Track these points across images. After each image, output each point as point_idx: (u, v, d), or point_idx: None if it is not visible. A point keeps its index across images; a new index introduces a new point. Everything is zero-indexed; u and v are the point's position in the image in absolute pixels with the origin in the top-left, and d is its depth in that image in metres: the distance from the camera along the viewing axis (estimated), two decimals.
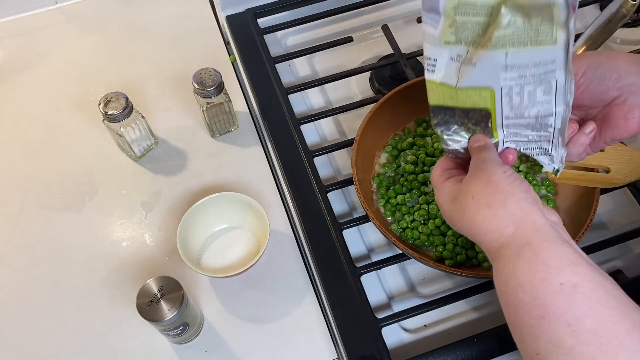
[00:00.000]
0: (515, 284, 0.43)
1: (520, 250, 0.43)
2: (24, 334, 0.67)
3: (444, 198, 0.51)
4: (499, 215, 0.45)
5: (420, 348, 0.65)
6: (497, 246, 0.45)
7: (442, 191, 0.51)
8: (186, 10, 0.94)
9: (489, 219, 0.46)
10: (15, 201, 0.76)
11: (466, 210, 0.47)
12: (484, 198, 0.47)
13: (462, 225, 0.49)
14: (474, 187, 0.48)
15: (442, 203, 0.51)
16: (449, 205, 0.50)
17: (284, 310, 0.67)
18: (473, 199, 0.47)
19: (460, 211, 0.48)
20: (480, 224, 0.46)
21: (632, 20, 0.90)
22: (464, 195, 0.48)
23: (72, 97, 0.85)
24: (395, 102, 0.74)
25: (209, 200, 0.68)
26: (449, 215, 0.51)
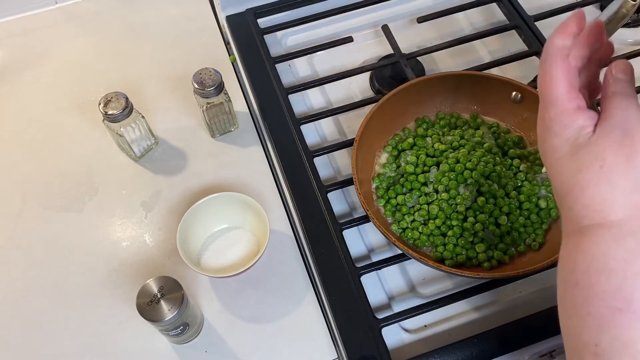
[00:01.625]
0: (601, 268, 0.38)
1: (622, 237, 0.38)
2: (24, 334, 0.67)
3: (561, 139, 0.42)
4: (617, 200, 0.39)
5: (420, 348, 0.65)
6: (591, 223, 0.40)
7: (564, 125, 0.41)
8: (186, 10, 0.94)
9: (602, 195, 0.39)
10: (15, 201, 0.76)
11: (583, 173, 0.40)
12: (614, 174, 0.39)
13: (563, 179, 0.41)
14: (610, 158, 0.39)
15: (555, 144, 0.42)
16: (563, 152, 0.41)
17: (284, 310, 0.67)
18: (601, 169, 0.39)
19: (574, 168, 0.41)
20: (587, 195, 0.40)
21: (632, 20, 0.90)
22: (590, 158, 0.40)
23: (72, 97, 0.85)
24: (396, 102, 0.74)
25: (209, 200, 0.68)
26: (555, 163, 0.42)
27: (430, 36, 0.91)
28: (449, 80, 0.76)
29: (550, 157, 0.43)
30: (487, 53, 0.89)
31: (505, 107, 0.76)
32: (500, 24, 0.91)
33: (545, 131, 0.43)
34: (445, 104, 0.79)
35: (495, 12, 0.93)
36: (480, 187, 0.68)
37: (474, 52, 0.89)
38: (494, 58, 0.87)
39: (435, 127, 0.77)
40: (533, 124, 0.74)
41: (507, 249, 0.67)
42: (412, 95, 0.76)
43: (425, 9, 0.93)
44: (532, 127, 0.75)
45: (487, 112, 0.78)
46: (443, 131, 0.76)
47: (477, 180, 0.68)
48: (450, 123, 0.77)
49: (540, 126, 0.44)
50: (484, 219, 0.67)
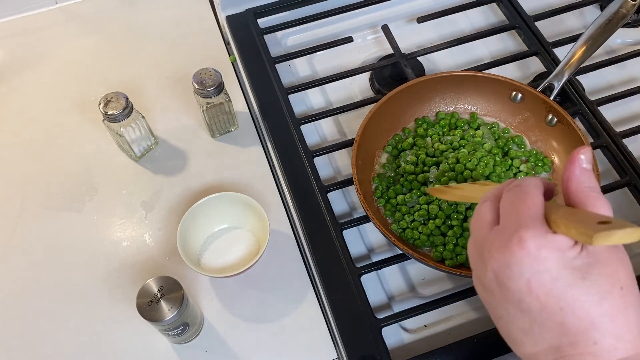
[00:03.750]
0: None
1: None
2: (24, 334, 0.66)
3: (556, 264, 0.36)
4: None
5: (420, 348, 0.65)
6: (627, 355, 0.36)
7: (555, 248, 0.37)
8: (186, 10, 0.94)
9: (632, 323, 0.36)
10: (15, 201, 0.76)
11: (608, 300, 0.36)
12: (634, 296, 0.36)
13: (584, 312, 0.36)
14: (624, 279, 0.36)
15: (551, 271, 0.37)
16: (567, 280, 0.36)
17: (284, 310, 0.67)
18: (622, 292, 0.36)
19: (595, 297, 0.36)
20: (618, 324, 0.36)
21: (632, 20, 0.90)
22: (608, 281, 0.36)
23: (72, 97, 0.85)
24: (396, 102, 0.74)
25: (209, 200, 0.68)
26: (563, 294, 0.36)
27: (430, 36, 0.91)
28: (449, 81, 0.76)
29: (551, 289, 0.36)
30: (487, 53, 0.89)
31: (505, 107, 0.76)
32: (500, 24, 0.91)
33: (524, 260, 0.37)
34: (445, 104, 0.79)
35: (495, 12, 0.93)
36: None
37: (474, 52, 0.89)
38: (494, 58, 0.87)
39: (435, 127, 0.77)
40: (533, 124, 0.75)
41: None
42: (412, 95, 0.76)
43: (425, 9, 0.93)
44: (532, 127, 0.75)
45: (487, 112, 0.78)
46: (443, 131, 0.76)
47: (477, 180, 0.68)
48: (451, 123, 0.77)
49: (507, 252, 0.38)
50: None
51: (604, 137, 0.75)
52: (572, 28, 0.91)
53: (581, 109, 0.78)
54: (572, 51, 0.74)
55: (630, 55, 0.83)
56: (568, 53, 0.74)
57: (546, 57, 0.83)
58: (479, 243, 0.41)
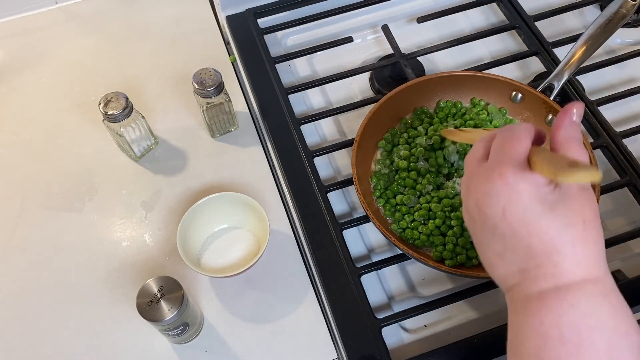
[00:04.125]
0: (593, 324, 0.38)
1: (609, 293, 0.40)
2: (24, 334, 0.67)
3: (529, 197, 0.41)
4: (599, 256, 0.41)
5: (420, 348, 0.65)
6: (580, 278, 0.40)
7: (531, 183, 0.41)
8: (186, 10, 0.94)
9: (589, 252, 0.41)
10: (15, 201, 0.76)
11: (570, 229, 0.40)
12: (595, 231, 0.41)
13: (548, 237, 0.41)
14: (588, 214, 0.41)
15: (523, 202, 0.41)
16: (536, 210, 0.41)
17: (284, 310, 0.67)
18: (585, 226, 0.41)
19: (559, 226, 0.41)
20: (577, 251, 0.40)
21: (632, 20, 0.90)
22: (573, 214, 0.41)
23: (72, 97, 0.85)
24: (396, 102, 0.74)
25: (209, 200, 0.68)
26: (531, 222, 0.41)
27: (430, 36, 0.91)
28: (448, 81, 0.76)
29: (522, 216, 0.41)
30: (487, 53, 0.89)
31: (505, 107, 0.76)
32: (500, 24, 0.91)
33: (502, 189, 0.42)
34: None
35: (495, 12, 0.93)
36: None
37: (474, 52, 0.89)
38: (494, 58, 0.87)
39: (433, 119, 0.76)
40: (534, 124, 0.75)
41: None
42: (412, 95, 0.76)
43: (425, 9, 0.93)
44: None
45: None
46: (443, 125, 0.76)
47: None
48: (450, 113, 0.76)
49: (489, 182, 0.43)
50: None
51: (604, 137, 0.75)
52: (572, 28, 0.91)
53: None
54: (572, 51, 0.74)
55: (630, 55, 0.83)
56: (568, 53, 0.74)
57: (546, 57, 0.83)
58: (468, 176, 0.46)
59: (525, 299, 0.42)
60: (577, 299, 0.39)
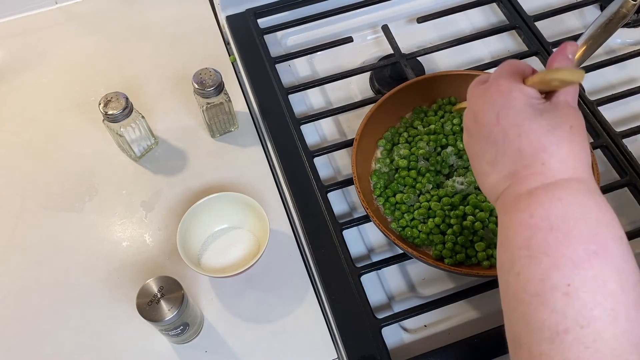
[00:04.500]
0: (578, 214, 0.41)
1: (593, 190, 0.43)
2: (24, 334, 0.67)
3: (522, 103, 0.45)
4: (584, 159, 0.44)
5: (420, 348, 0.65)
6: (566, 176, 0.43)
7: (524, 92, 0.45)
8: (186, 10, 0.94)
9: (574, 152, 0.44)
10: (15, 201, 0.76)
11: (557, 131, 0.44)
12: (580, 136, 0.44)
13: (536, 138, 0.44)
14: (575, 122, 0.45)
15: (517, 107, 0.45)
16: (528, 114, 0.45)
17: (284, 310, 0.67)
18: (571, 130, 0.44)
19: (546, 127, 0.44)
20: (562, 151, 0.43)
21: (632, 20, 0.90)
22: (561, 119, 0.45)
23: (72, 97, 0.85)
24: (395, 101, 0.75)
25: (209, 200, 0.68)
26: (522, 123, 0.45)
27: (430, 36, 0.91)
28: (448, 80, 0.76)
29: (513, 119, 0.45)
30: (487, 53, 0.89)
31: None
32: (500, 24, 0.91)
33: (498, 97, 0.46)
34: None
35: (495, 12, 0.93)
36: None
37: (474, 52, 0.89)
38: (494, 58, 0.87)
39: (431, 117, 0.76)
40: None
41: None
42: (411, 94, 0.76)
43: (425, 9, 0.93)
44: None
45: None
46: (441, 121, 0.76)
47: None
48: (447, 110, 0.76)
49: (486, 94, 0.47)
50: (484, 217, 0.66)
51: (604, 137, 0.75)
52: (572, 28, 0.91)
53: (581, 108, 0.78)
54: None
55: (630, 55, 0.83)
56: None
57: (546, 57, 0.83)
58: (469, 98, 0.50)
59: (515, 198, 0.44)
60: (564, 193, 0.42)
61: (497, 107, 0.46)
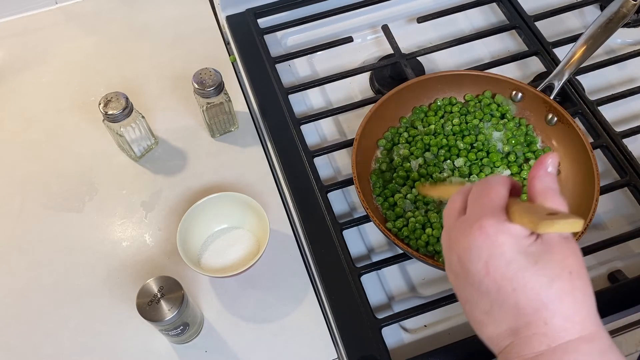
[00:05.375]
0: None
1: (605, 350, 0.38)
2: (24, 334, 0.66)
3: (511, 249, 0.40)
4: (591, 310, 0.39)
5: (420, 348, 0.65)
6: (573, 336, 0.39)
7: (512, 234, 0.40)
8: (186, 10, 0.93)
9: (579, 305, 0.39)
10: (15, 201, 0.76)
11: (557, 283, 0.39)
12: (582, 281, 0.39)
13: (534, 293, 0.39)
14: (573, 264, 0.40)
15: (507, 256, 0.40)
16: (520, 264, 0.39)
17: (284, 310, 0.67)
18: (571, 276, 0.39)
19: (545, 279, 0.39)
20: (565, 305, 0.39)
21: (632, 20, 0.90)
22: (558, 266, 0.39)
23: (72, 97, 0.85)
24: (395, 101, 0.75)
25: (209, 200, 0.68)
26: (516, 276, 0.39)
27: (430, 36, 0.91)
28: (448, 80, 0.76)
29: (505, 271, 0.40)
30: (487, 53, 0.89)
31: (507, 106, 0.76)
32: (500, 24, 0.91)
33: (483, 242, 0.41)
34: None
35: (495, 12, 0.93)
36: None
37: (474, 52, 0.89)
38: (494, 58, 0.87)
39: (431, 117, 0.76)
40: (533, 123, 0.75)
41: None
42: (411, 94, 0.76)
43: (425, 9, 0.93)
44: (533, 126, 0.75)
45: None
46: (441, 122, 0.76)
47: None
48: (447, 110, 0.77)
49: (469, 236, 0.41)
50: None
51: (604, 137, 0.75)
52: (572, 28, 0.91)
53: (581, 108, 0.78)
54: (572, 51, 0.74)
55: (630, 55, 0.83)
56: (568, 53, 0.74)
57: (546, 57, 0.83)
58: (447, 230, 0.45)
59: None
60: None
61: (485, 256, 0.40)
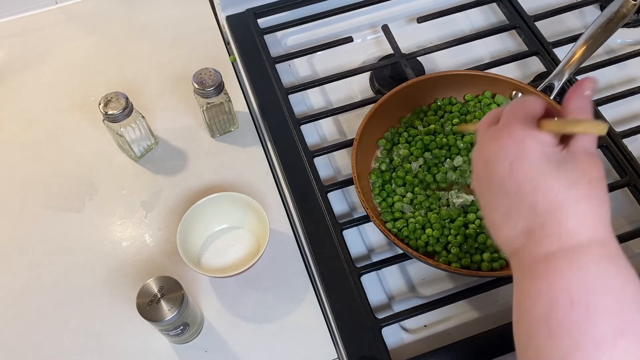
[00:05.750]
0: (600, 287, 0.38)
1: (615, 256, 0.39)
2: (24, 334, 0.67)
3: (537, 154, 0.42)
4: (605, 216, 0.41)
5: (420, 348, 0.65)
6: (585, 239, 0.40)
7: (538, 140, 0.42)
8: (186, 10, 0.93)
9: (594, 210, 0.40)
10: (15, 201, 0.76)
11: (575, 187, 0.40)
12: (599, 190, 0.41)
13: (552, 194, 0.41)
14: (594, 174, 0.41)
15: (532, 159, 0.42)
16: (542, 168, 0.41)
17: (284, 310, 0.67)
18: (590, 184, 0.40)
19: (564, 183, 0.41)
20: (581, 209, 0.40)
21: (632, 20, 0.90)
22: (579, 173, 0.41)
23: (72, 97, 0.85)
24: (395, 101, 0.75)
25: (209, 200, 0.68)
26: (536, 178, 0.41)
27: (430, 36, 0.91)
28: (448, 80, 0.76)
29: (528, 171, 0.41)
30: (487, 53, 0.89)
31: None
32: (500, 24, 0.91)
33: (511, 145, 0.43)
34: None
35: (495, 12, 0.93)
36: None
37: (474, 52, 0.89)
38: (493, 58, 0.87)
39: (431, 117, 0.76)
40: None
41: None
42: (411, 94, 0.76)
43: (425, 9, 0.93)
44: None
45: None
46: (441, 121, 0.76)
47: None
48: (447, 110, 0.77)
49: (498, 140, 0.43)
50: None
51: (604, 136, 0.75)
52: (572, 28, 0.91)
53: None
54: (572, 51, 0.74)
55: (630, 55, 0.83)
56: (568, 53, 0.74)
57: (546, 57, 0.83)
58: (479, 140, 0.47)
59: (532, 262, 0.41)
60: (585, 262, 0.39)
61: (510, 157, 0.42)
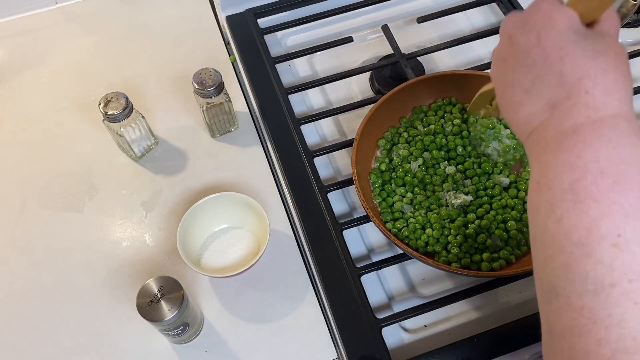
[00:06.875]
0: (630, 158, 0.37)
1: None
2: (24, 334, 0.67)
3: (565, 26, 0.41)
4: (629, 91, 0.40)
5: (420, 348, 0.65)
6: (612, 112, 0.39)
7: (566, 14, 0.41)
8: (186, 10, 0.94)
9: (620, 83, 0.40)
10: (15, 201, 0.76)
11: (604, 57, 0.40)
12: (624, 65, 0.41)
13: (580, 63, 0.40)
14: (619, 50, 0.41)
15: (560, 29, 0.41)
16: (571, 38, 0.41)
17: (284, 310, 0.67)
18: (617, 57, 0.41)
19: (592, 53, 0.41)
20: (610, 79, 0.40)
21: (632, 20, 0.90)
22: (606, 45, 0.41)
23: (72, 97, 0.85)
24: (395, 101, 0.75)
25: (209, 200, 0.68)
26: (566, 46, 0.41)
27: (430, 36, 0.91)
28: (448, 80, 0.76)
29: (556, 40, 0.41)
30: (487, 53, 0.89)
31: None
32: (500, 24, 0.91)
33: (538, 18, 0.42)
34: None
35: (495, 12, 0.93)
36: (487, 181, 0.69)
37: (474, 52, 0.89)
38: None
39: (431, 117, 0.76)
40: None
41: (512, 251, 0.66)
42: (412, 94, 0.76)
43: (425, 9, 0.93)
44: None
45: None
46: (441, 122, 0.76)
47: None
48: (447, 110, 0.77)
49: (524, 18, 0.43)
50: (488, 225, 0.66)
51: None
52: None
53: None
54: None
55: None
56: None
57: None
58: (503, 28, 0.46)
59: (558, 134, 0.40)
60: (614, 134, 0.38)
61: (538, 27, 0.42)
